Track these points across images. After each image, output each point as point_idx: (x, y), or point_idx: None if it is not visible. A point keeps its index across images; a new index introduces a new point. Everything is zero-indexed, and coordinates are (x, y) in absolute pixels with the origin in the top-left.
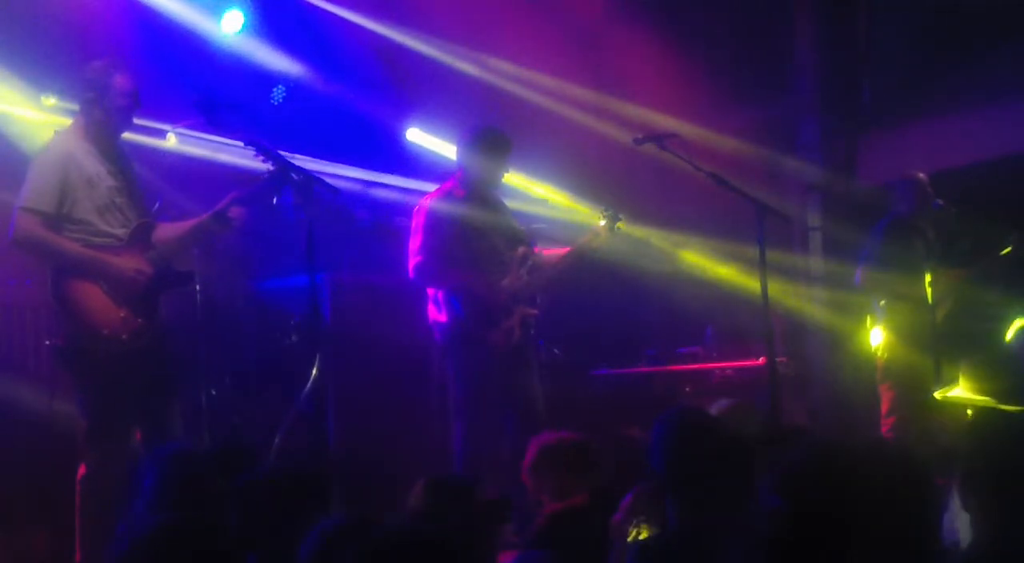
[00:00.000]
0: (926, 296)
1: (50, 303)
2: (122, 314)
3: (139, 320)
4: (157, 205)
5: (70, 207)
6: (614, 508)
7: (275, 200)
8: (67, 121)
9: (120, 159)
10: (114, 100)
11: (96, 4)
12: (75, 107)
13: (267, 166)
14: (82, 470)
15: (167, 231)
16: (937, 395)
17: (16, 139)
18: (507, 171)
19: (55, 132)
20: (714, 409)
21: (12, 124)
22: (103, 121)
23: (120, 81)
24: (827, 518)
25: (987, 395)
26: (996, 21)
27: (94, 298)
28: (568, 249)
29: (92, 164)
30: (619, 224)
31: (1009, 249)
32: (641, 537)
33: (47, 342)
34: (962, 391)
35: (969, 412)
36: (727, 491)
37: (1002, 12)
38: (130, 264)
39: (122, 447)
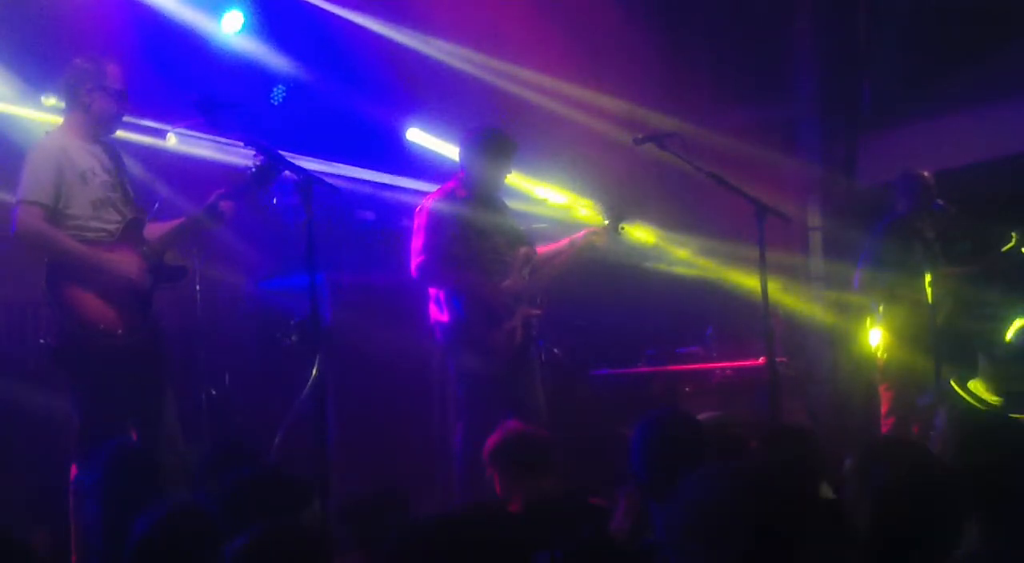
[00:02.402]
0: (925, 297)
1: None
2: (118, 310)
3: (135, 316)
4: (157, 205)
5: (64, 202)
6: (544, 525)
7: (275, 200)
8: None
9: (112, 155)
10: (112, 86)
11: (96, 4)
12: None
13: (256, 161)
14: (74, 471)
15: (158, 228)
16: (953, 384)
17: (16, 139)
18: (510, 173)
19: (45, 133)
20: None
21: (12, 124)
22: (106, 108)
23: (111, 67)
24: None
25: (998, 398)
26: (996, 21)
27: (90, 294)
28: (567, 240)
29: (85, 160)
30: (622, 226)
31: (1012, 243)
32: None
33: (41, 340)
34: (974, 392)
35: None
36: None
37: (1002, 12)
38: (132, 265)
39: None
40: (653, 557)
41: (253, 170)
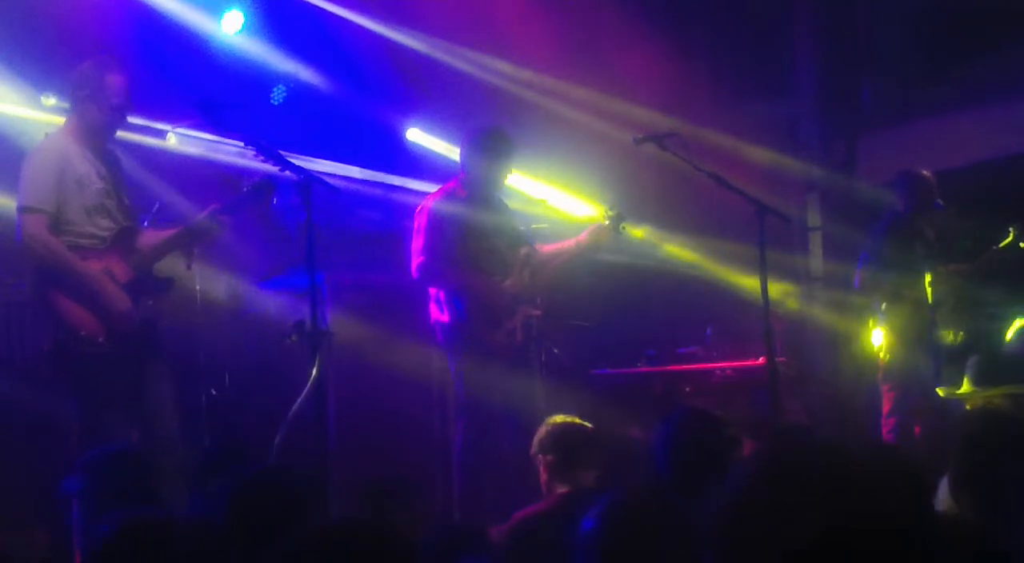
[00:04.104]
0: (926, 296)
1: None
2: (101, 317)
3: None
4: (157, 205)
5: (61, 207)
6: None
7: (275, 200)
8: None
9: (109, 161)
10: (109, 97)
11: (96, 4)
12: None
13: (266, 166)
14: None
15: (150, 237)
16: (941, 392)
17: (16, 139)
18: (510, 173)
19: (45, 134)
20: None
21: (12, 124)
22: (97, 119)
23: (113, 78)
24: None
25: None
26: (996, 21)
27: (74, 301)
28: (571, 241)
29: (82, 165)
30: (624, 225)
31: (1010, 238)
32: None
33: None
34: (968, 393)
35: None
36: None
37: (1002, 12)
38: (124, 303)
39: None
40: None
41: (248, 188)
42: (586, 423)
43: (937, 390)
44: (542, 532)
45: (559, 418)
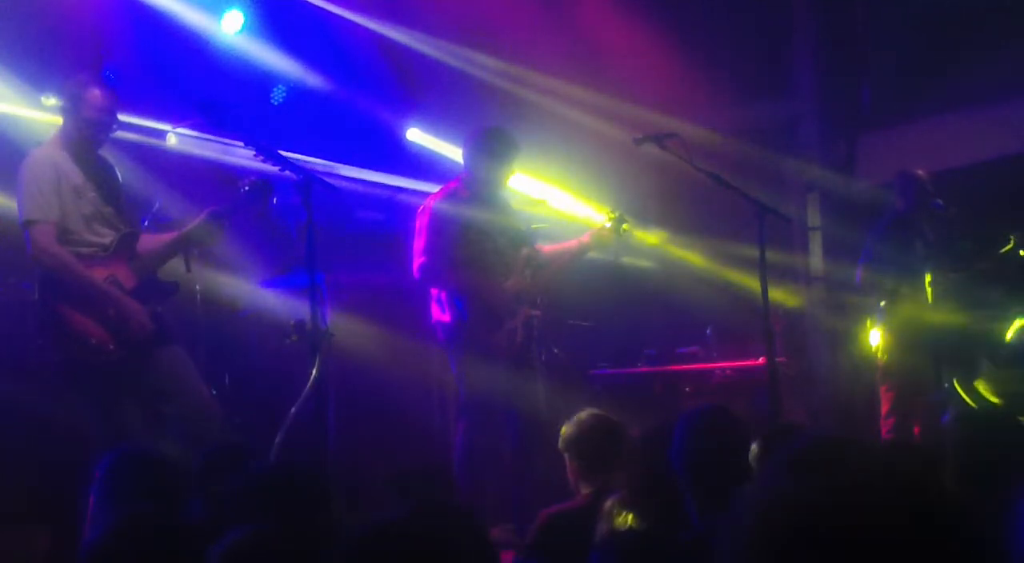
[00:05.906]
0: (926, 296)
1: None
2: (109, 325)
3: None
4: (157, 205)
5: (63, 216)
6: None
7: (275, 200)
8: None
9: (102, 169)
10: (85, 112)
11: (97, 4)
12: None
13: (266, 166)
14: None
15: (151, 242)
16: (956, 385)
17: (16, 139)
18: (513, 172)
19: (36, 146)
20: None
21: (12, 124)
22: (80, 132)
23: (94, 95)
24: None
25: (999, 399)
26: (996, 21)
27: (81, 310)
28: (571, 243)
29: (75, 175)
30: (625, 226)
31: (1011, 246)
32: (627, 523)
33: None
34: (978, 393)
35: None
36: None
37: (1002, 12)
38: (140, 314)
39: None
40: (694, 552)
41: (246, 189)
42: (612, 418)
43: (954, 383)
44: (570, 529)
45: (586, 414)
